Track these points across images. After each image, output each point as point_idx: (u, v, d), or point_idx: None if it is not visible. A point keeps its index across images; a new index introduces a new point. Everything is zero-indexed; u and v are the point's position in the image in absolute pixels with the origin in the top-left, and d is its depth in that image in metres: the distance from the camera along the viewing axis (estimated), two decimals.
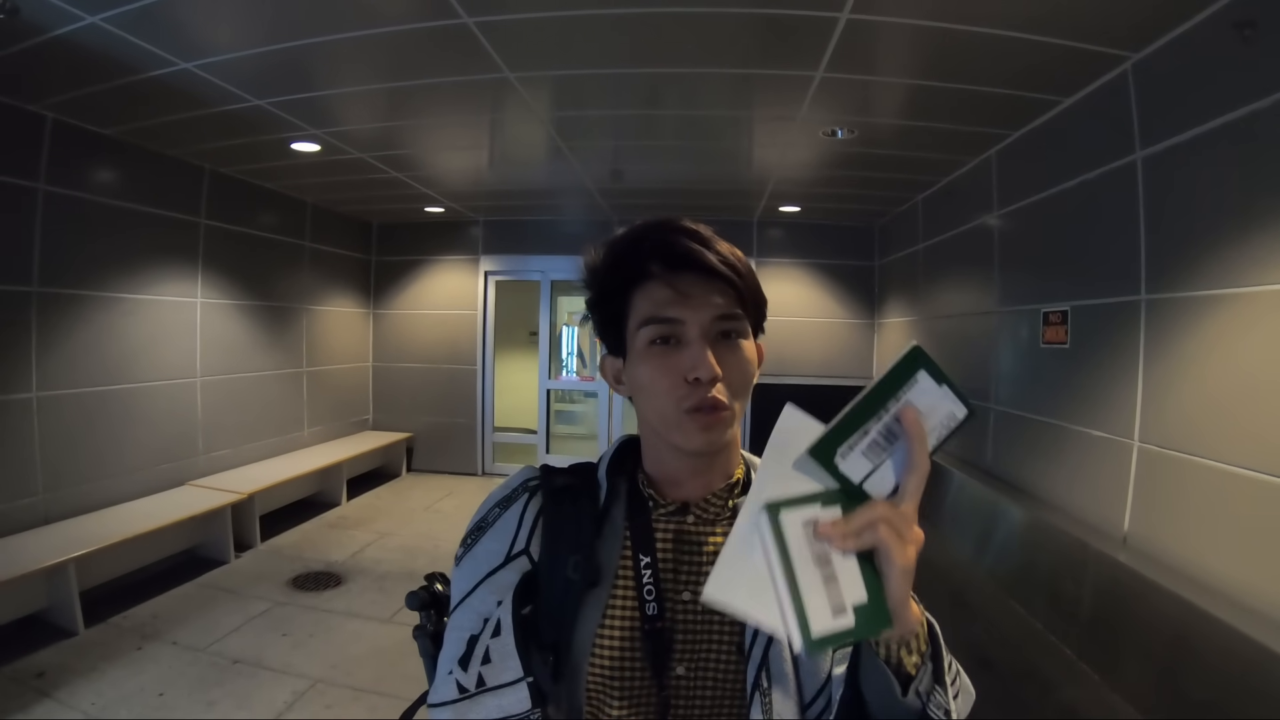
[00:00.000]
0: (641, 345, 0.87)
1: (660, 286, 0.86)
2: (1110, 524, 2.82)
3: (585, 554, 0.90)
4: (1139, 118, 2.69)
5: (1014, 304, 3.81)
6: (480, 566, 0.93)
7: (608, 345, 0.95)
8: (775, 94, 3.53)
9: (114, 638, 3.59)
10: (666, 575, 0.91)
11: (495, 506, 0.98)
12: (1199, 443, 2.38)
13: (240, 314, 5.61)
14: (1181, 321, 2.48)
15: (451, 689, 0.87)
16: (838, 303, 7.04)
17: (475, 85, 3.47)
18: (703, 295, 0.85)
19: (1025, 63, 2.87)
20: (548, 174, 5.48)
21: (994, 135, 3.85)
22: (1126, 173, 2.76)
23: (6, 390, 3.72)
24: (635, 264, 0.88)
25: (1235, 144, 2.22)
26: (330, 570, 4.66)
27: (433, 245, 7.67)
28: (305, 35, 2.92)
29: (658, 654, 0.87)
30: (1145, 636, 2.35)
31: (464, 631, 0.90)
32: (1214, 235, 2.31)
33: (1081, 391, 3.11)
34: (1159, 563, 2.49)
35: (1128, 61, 2.73)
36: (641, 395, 0.90)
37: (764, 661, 0.87)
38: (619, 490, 0.96)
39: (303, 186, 5.94)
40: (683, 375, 0.83)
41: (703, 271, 0.85)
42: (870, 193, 5.59)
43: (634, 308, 0.88)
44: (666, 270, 0.86)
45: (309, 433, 6.62)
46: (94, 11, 2.66)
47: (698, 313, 0.84)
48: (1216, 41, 2.28)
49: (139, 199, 4.52)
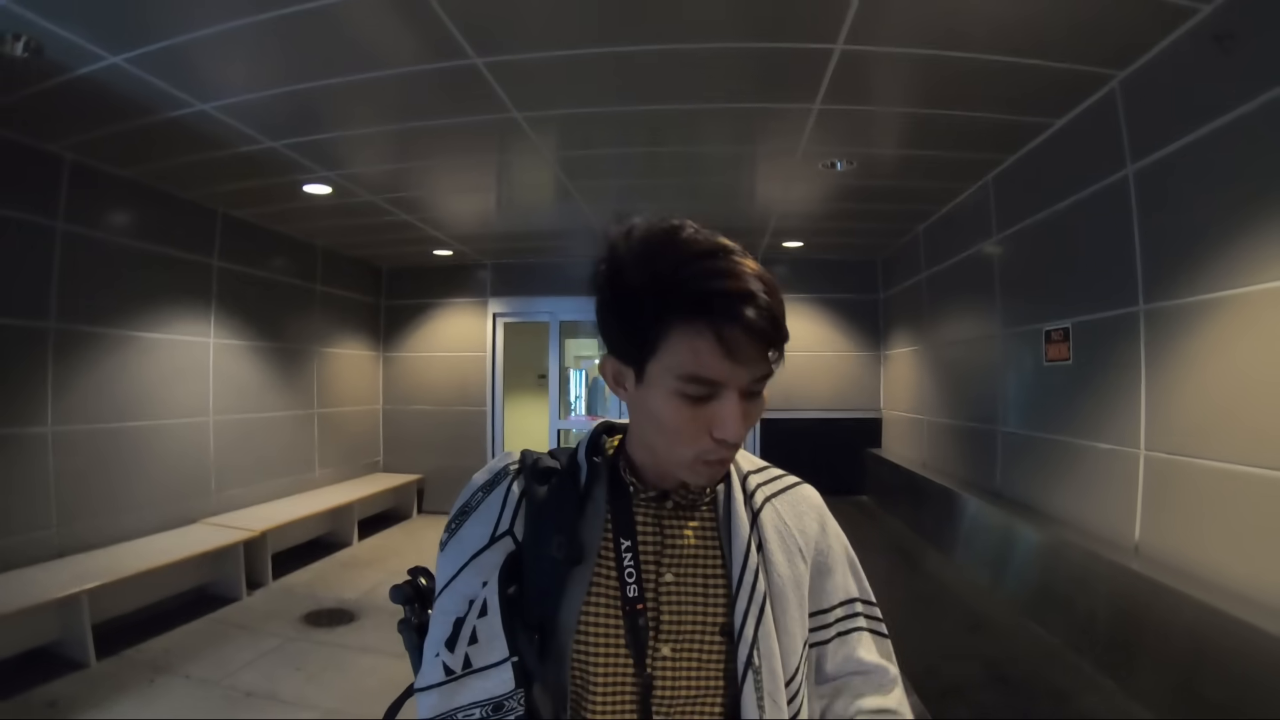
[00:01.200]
0: (670, 388, 0.81)
1: (708, 338, 0.77)
2: (1121, 535, 2.81)
3: (568, 533, 0.90)
4: (1128, 133, 2.77)
5: (1016, 325, 3.84)
6: (465, 550, 0.93)
7: (617, 353, 0.87)
8: (775, 128, 3.63)
9: (126, 670, 3.58)
10: (647, 558, 0.92)
11: (478, 491, 0.98)
12: (1205, 446, 2.39)
13: (252, 355, 5.69)
14: (1180, 328, 2.51)
15: (438, 672, 0.87)
16: (844, 336, 7.09)
17: (483, 126, 3.58)
18: (749, 357, 0.78)
19: (1016, 87, 2.96)
20: (555, 215, 5.58)
21: (990, 161, 3.94)
22: (1119, 188, 2.83)
23: (22, 424, 3.77)
24: (681, 295, 0.78)
25: (1222, 150, 2.28)
26: (343, 607, 4.64)
27: (441, 288, 7.78)
28: (317, 77, 3.02)
29: (638, 635, 0.88)
30: (1162, 642, 2.33)
31: (450, 614, 0.90)
32: (1206, 241, 2.37)
33: (1086, 406, 3.13)
34: (1172, 568, 2.48)
35: (1114, 80, 2.82)
36: (653, 425, 0.86)
37: (755, 640, 0.88)
38: (599, 472, 0.96)
39: (314, 230, 6.06)
40: (709, 431, 0.81)
41: (754, 332, 0.78)
42: (872, 225, 5.68)
43: (669, 344, 0.79)
44: (718, 320, 0.77)
45: (320, 474, 6.63)
46: (116, 52, 2.77)
47: (738, 374, 0.79)
48: (1197, 54, 2.36)
49: (154, 240, 4.63)
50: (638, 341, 0.82)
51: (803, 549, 0.97)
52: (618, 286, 0.84)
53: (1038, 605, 3.15)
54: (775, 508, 0.99)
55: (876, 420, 6.94)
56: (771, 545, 0.95)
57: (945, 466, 5.03)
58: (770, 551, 0.94)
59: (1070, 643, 2.83)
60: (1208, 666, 2.12)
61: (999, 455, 4.04)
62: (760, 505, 0.98)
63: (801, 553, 0.97)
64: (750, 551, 0.93)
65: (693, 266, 0.78)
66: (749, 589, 0.90)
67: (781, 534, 0.96)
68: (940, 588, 3.83)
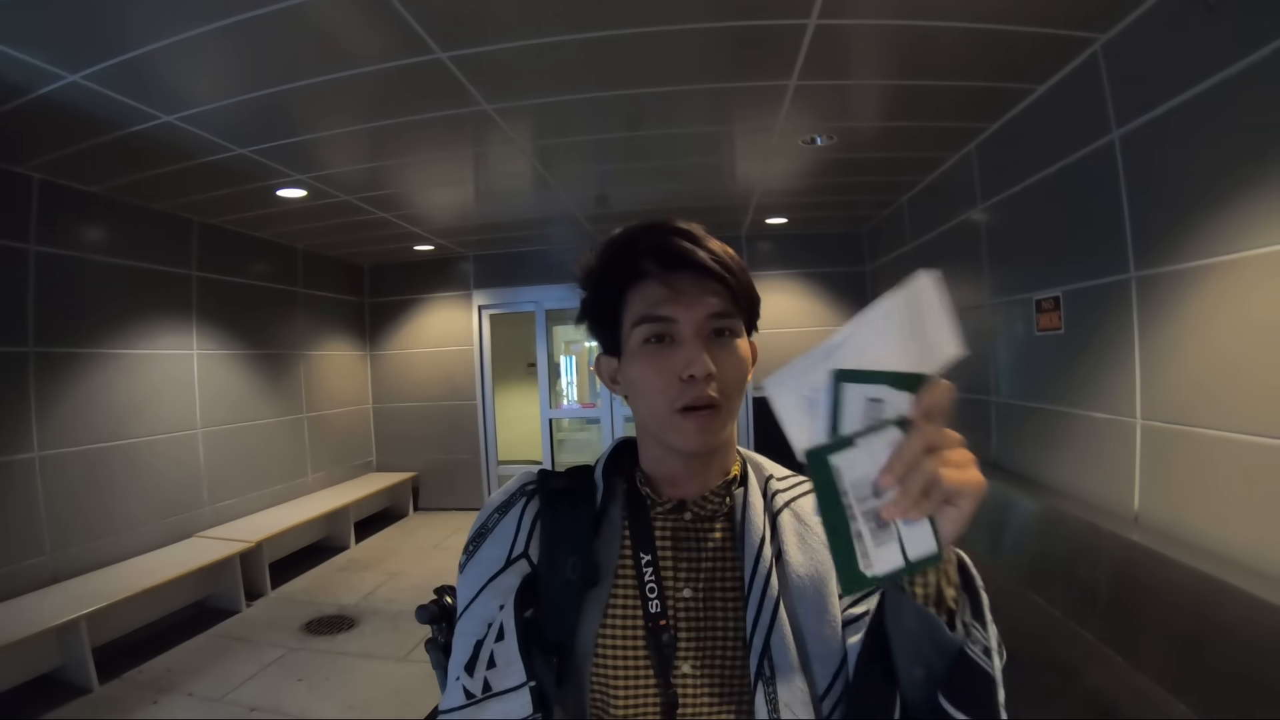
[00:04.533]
0: (636, 344, 0.88)
1: (654, 285, 0.87)
2: (1120, 505, 2.80)
3: (583, 554, 0.90)
4: (1112, 97, 2.71)
5: (1006, 295, 3.81)
6: (483, 572, 0.93)
7: (603, 345, 0.95)
8: (751, 106, 3.56)
9: (129, 693, 3.56)
10: (666, 573, 0.91)
11: (494, 512, 0.98)
12: (1201, 414, 2.37)
13: (237, 363, 5.61)
14: (1173, 295, 2.48)
15: (459, 695, 0.87)
16: (832, 310, 7.03)
17: (455, 120, 3.51)
18: (696, 294, 0.86)
19: (996, 54, 2.90)
20: (534, 204, 5.52)
21: (972, 129, 3.88)
22: (1105, 153, 2.78)
23: (8, 451, 3.71)
24: (629, 263, 0.89)
25: (1209, 114, 2.23)
26: (343, 613, 4.62)
27: (425, 284, 7.71)
28: (282, 81, 2.95)
29: (662, 652, 0.87)
30: (1165, 613, 2.31)
31: (469, 637, 0.89)
32: (1197, 206, 2.32)
33: (1080, 375, 3.10)
34: (1173, 538, 2.47)
35: (1096, 43, 2.76)
36: (636, 394, 0.90)
37: (765, 649, 0.85)
38: (616, 490, 0.96)
39: (292, 233, 5.97)
40: (677, 373, 0.84)
41: (696, 270, 0.86)
42: (855, 198, 5.62)
43: (628, 307, 0.89)
44: (660, 269, 0.87)
45: (313, 478, 6.59)
46: (74, 70, 2.70)
47: (691, 311, 0.85)
48: (1182, 15, 2.30)
49: (129, 254, 4.55)
50: (605, 315, 0.92)
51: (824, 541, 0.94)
52: (585, 282, 0.96)
53: (1037, 576, 3.14)
54: (794, 509, 0.97)
55: None
56: (790, 547, 0.92)
57: None
58: (787, 552, 0.92)
59: (1072, 614, 2.82)
60: (1211, 637, 2.11)
61: (994, 426, 4.02)
62: (779, 509, 0.96)
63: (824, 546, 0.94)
64: (762, 556, 0.90)
65: (637, 239, 0.90)
66: (759, 595, 0.88)
67: (800, 533, 0.94)
68: None
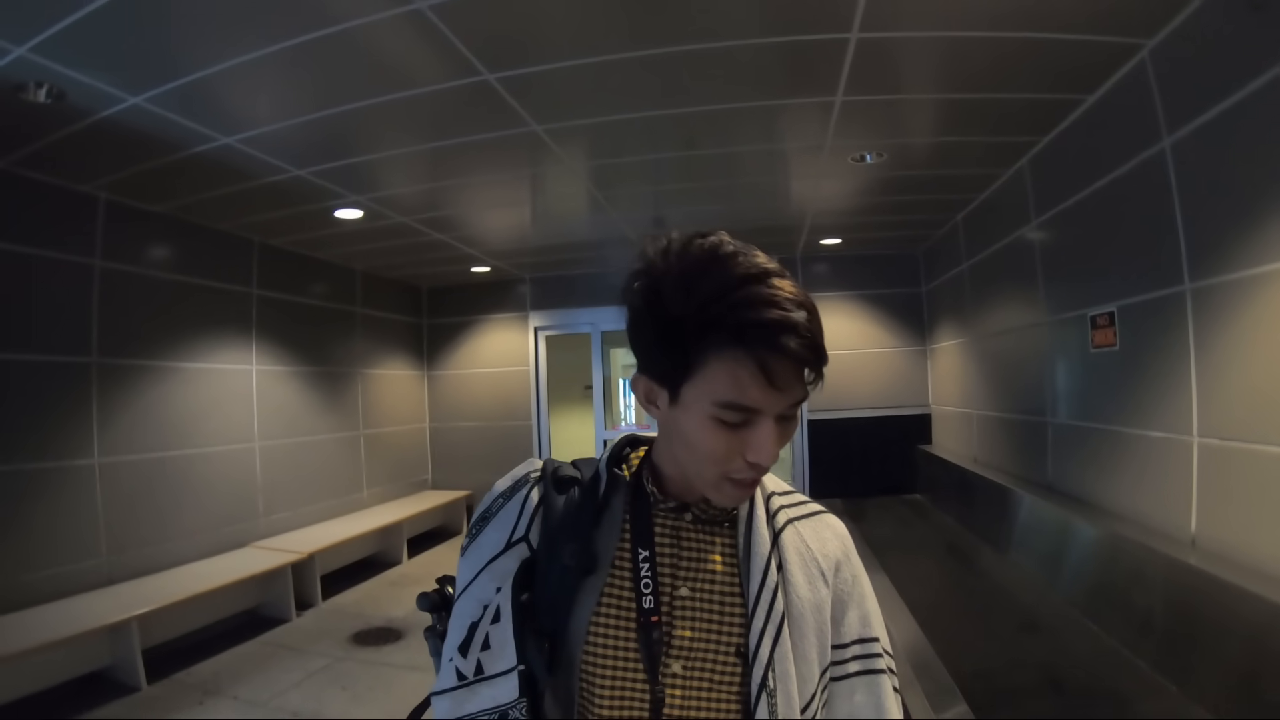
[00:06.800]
0: (706, 412, 0.79)
1: (750, 367, 0.75)
2: (1177, 527, 2.66)
3: (582, 542, 0.90)
4: (1162, 104, 2.63)
5: (1061, 311, 3.69)
6: (482, 555, 0.93)
7: (650, 373, 0.85)
8: (800, 123, 3.56)
9: (176, 694, 3.67)
10: (664, 570, 0.90)
11: (499, 497, 0.99)
12: (1261, 429, 2.24)
13: (295, 380, 5.81)
14: (1229, 305, 2.36)
15: (452, 676, 0.87)
16: (888, 332, 6.92)
17: (506, 141, 3.58)
18: (790, 386, 0.78)
19: (1043, 64, 2.84)
20: (589, 226, 5.58)
21: (1023, 144, 3.80)
22: (1156, 161, 2.68)
23: (70, 457, 3.91)
24: (728, 327, 0.75)
25: (1260, 114, 2.14)
26: (390, 626, 4.70)
27: (482, 305, 7.86)
28: (337, 104, 3.06)
29: (652, 648, 0.86)
30: (1222, 641, 2.19)
31: (465, 619, 0.90)
32: (1252, 210, 2.22)
33: (1135, 393, 2.97)
34: (1231, 562, 2.33)
35: (1144, 49, 2.68)
36: (686, 445, 0.84)
37: (771, 662, 0.85)
38: (619, 483, 0.96)
39: (350, 254, 6.17)
40: (742, 454, 0.80)
41: (798, 360, 0.76)
42: (908, 217, 5.54)
43: (708, 370, 0.77)
44: (762, 349, 0.74)
45: (368, 494, 6.75)
46: (135, 93, 2.86)
47: (778, 403, 0.78)
48: (1228, 15, 2.23)
49: (190, 272, 4.77)
50: (675, 365, 0.80)
51: (824, 573, 0.93)
52: (655, 308, 0.81)
53: (1093, 603, 3.00)
54: (798, 530, 0.95)
55: (926, 416, 6.75)
56: (792, 566, 0.91)
57: (996, 461, 4.86)
58: (790, 573, 0.91)
59: (1126, 642, 2.69)
60: (1271, 668, 1.98)
61: (1049, 448, 3.88)
62: (782, 526, 0.94)
63: (824, 576, 0.93)
64: (770, 570, 0.89)
65: (735, 294, 0.76)
66: (766, 608, 0.87)
67: (803, 556, 0.93)
68: (993, 586, 3.70)
